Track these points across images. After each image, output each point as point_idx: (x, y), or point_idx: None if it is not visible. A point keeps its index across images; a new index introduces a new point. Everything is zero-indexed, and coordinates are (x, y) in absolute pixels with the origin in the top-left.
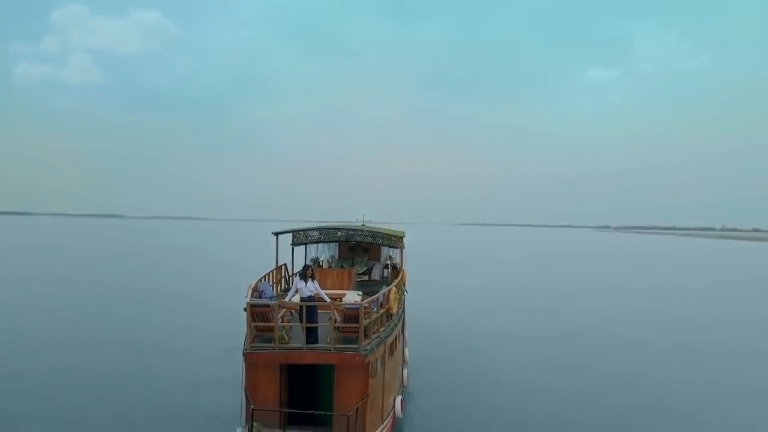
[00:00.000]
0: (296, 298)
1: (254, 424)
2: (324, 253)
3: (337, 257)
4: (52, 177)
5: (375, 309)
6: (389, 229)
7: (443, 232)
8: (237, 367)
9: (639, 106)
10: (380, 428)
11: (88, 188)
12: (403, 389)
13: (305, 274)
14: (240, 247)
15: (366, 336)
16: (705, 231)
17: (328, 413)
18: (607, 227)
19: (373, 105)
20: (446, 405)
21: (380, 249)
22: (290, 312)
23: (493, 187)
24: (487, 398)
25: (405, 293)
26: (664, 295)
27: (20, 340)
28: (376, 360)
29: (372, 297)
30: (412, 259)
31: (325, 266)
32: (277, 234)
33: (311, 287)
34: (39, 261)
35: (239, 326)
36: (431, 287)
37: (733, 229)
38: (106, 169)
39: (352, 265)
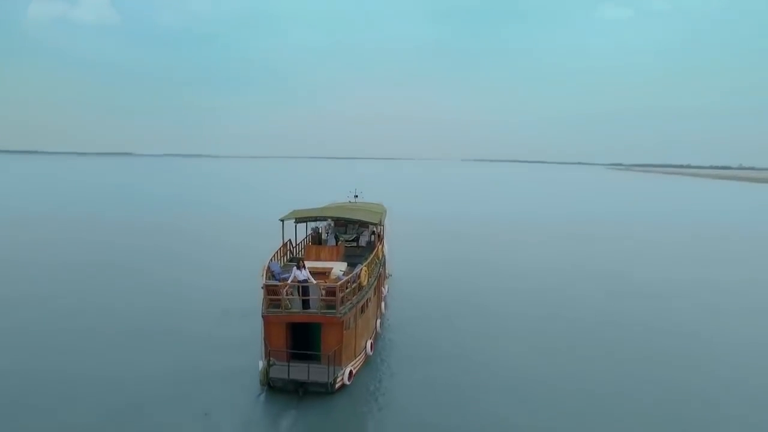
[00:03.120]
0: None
1: (270, 359)
2: (322, 223)
3: (333, 225)
4: (64, 116)
5: (352, 282)
6: (372, 206)
7: (452, 169)
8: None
9: (654, 43)
10: (353, 362)
11: (100, 127)
12: (375, 334)
13: (299, 265)
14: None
15: (342, 303)
16: (721, 170)
17: (317, 353)
18: (619, 165)
19: (383, 38)
20: (410, 345)
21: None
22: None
23: (504, 123)
24: (447, 341)
25: (379, 264)
26: (650, 258)
27: (41, 306)
28: (349, 318)
29: (348, 276)
30: (418, 204)
31: (323, 233)
32: (282, 220)
33: (304, 273)
34: (50, 220)
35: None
36: (421, 238)
37: (750, 168)
38: (117, 107)
39: (345, 232)
